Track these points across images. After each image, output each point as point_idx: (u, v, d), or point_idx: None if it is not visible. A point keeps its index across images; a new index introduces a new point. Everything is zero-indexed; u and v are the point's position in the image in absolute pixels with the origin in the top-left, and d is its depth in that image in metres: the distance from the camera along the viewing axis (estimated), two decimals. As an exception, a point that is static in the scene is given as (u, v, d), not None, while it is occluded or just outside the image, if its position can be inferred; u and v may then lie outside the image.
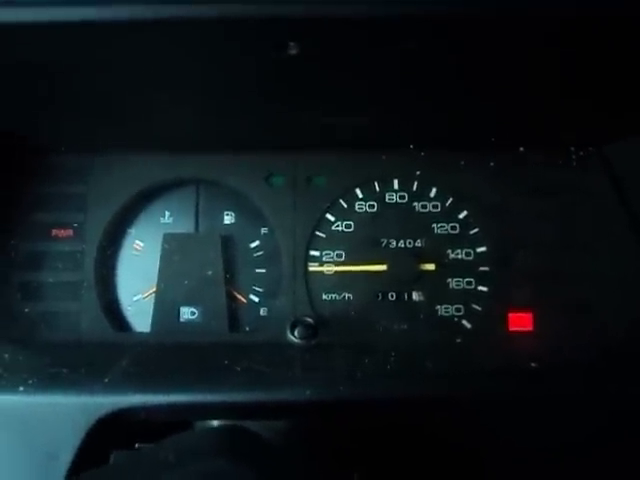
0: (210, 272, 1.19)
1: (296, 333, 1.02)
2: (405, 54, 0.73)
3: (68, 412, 0.76)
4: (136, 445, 0.74)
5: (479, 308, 1.19)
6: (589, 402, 0.80)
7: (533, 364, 0.89)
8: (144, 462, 0.49)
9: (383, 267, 1.19)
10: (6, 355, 0.93)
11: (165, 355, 0.99)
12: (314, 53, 0.66)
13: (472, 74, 0.86)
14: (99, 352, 1.01)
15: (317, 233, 1.21)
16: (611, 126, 1.10)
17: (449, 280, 1.20)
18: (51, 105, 0.97)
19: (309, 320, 1.06)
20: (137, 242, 1.24)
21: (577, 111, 1.03)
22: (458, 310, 1.19)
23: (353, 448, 0.82)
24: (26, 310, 1.15)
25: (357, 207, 1.22)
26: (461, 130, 1.14)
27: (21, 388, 0.78)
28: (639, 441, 0.79)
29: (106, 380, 0.79)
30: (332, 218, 1.21)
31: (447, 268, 1.20)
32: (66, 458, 0.74)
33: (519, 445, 0.78)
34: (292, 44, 0.61)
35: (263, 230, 1.24)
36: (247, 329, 1.21)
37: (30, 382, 0.79)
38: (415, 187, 1.22)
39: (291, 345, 1.04)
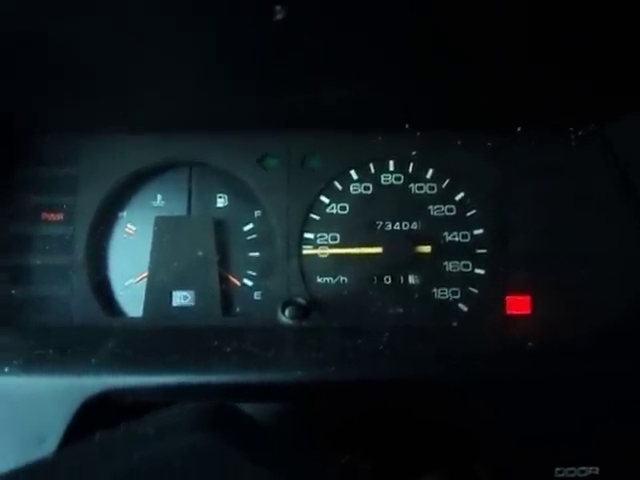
0: (203, 256, 1.17)
1: (287, 313, 1.01)
2: (395, 21, 0.71)
3: (55, 393, 0.74)
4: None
5: (476, 291, 1.18)
6: (588, 383, 0.78)
7: (530, 345, 0.87)
8: (123, 436, 0.48)
9: (378, 250, 1.17)
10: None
11: (153, 337, 0.97)
12: (301, 18, 0.64)
13: (468, 49, 0.84)
14: (87, 334, 1.00)
15: (311, 215, 1.19)
16: (611, 105, 1.08)
17: (445, 263, 1.18)
18: (40, 84, 0.96)
19: (301, 300, 1.04)
20: (129, 226, 1.22)
21: (576, 90, 1.01)
22: (455, 293, 1.18)
23: (344, 431, 0.81)
24: (13, 292, 1.13)
25: (352, 189, 1.20)
26: (458, 109, 1.12)
27: (6, 369, 0.76)
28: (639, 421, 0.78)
29: (93, 361, 0.78)
30: (326, 200, 1.20)
31: (443, 251, 1.18)
32: (53, 440, 0.72)
33: (516, 427, 0.77)
34: (278, 7, 0.59)
35: (256, 213, 1.22)
36: (240, 313, 1.19)
37: (16, 363, 0.77)
38: (411, 168, 1.20)
39: (283, 326, 1.03)
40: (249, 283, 1.21)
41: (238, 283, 1.21)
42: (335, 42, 0.80)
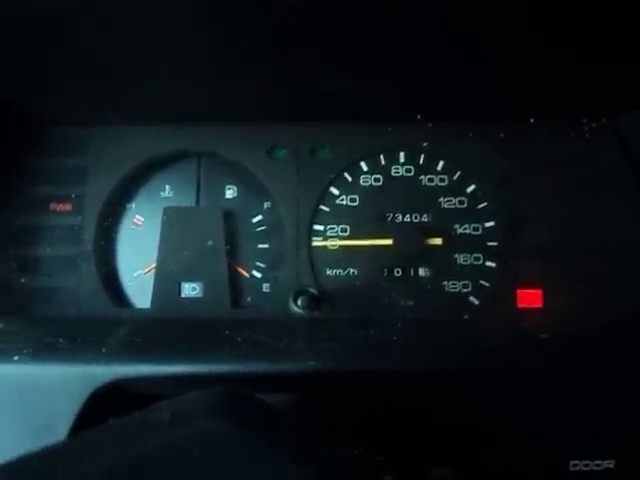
0: (212, 247, 1.16)
1: (299, 303, 1.00)
2: (408, 12, 0.70)
3: (65, 382, 0.73)
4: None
5: (487, 284, 1.17)
6: (602, 376, 0.77)
7: (542, 338, 0.86)
8: (137, 423, 0.47)
9: (389, 242, 1.16)
10: (1, 325, 0.91)
11: (164, 326, 0.97)
12: (313, 5, 0.63)
13: (480, 39, 0.83)
14: (97, 324, 0.99)
15: (321, 207, 1.18)
16: (625, 96, 1.06)
17: (456, 255, 1.17)
18: (49, 75, 0.95)
19: (312, 291, 1.03)
20: (137, 217, 1.22)
21: (589, 82, 1.00)
22: (465, 286, 1.17)
23: (358, 422, 0.80)
24: (22, 282, 1.13)
25: (362, 180, 1.19)
26: (469, 100, 1.10)
27: (16, 357, 0.75)
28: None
29: (103, 350, 0.77)
30: (336, 192, 1.19)
31: (454, 243, 1.17)
32: (63, 429, 0.72)
33: (528, 420, 0.76)
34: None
35: (266, 204, 1.21)
36: (249, 304, 1.18)
37: (25, 352, 0.77)
38: (422, 160, 1.19)
39: (294, 317, 1.02)
40: (258, 275, 1.20)
41: (247, 274, 1.20)
42: (347, 32, 0.80)
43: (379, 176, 1.19)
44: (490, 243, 1.17)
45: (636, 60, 0.89)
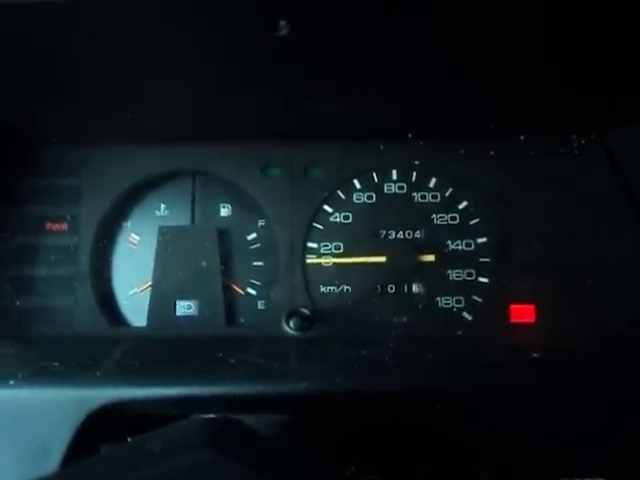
0: (206, 265, 1.17)
1: (291, 324, 1.01)
2: (400, 35, 0.71)
3: (59, 406, 0.74)
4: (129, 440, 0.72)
5: (480, 300, 1.17)
6: (592, 393, 0.78)
7: (535, 354, 0.87)
8: (129, 453, 0.48)
9: (382, 259, 1.17)
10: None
11: (158, 348, 0.97)
12: (304, 33, 0.64)
13: (470, 59, 0.85)
14: (92, 346, 1.00)
15: (315, 225, 1.19)
16: (613, 112, 1.08)
17: (449, 271, 1.18)
18: (43, 96, 0.96)
19: (305, 311, 1.04)
20: (133, 235, 1.22)
21: (578, 97, 1.01)
22: (458, 302, 1.18)
23: (350, 442, 0.81)
24: (17, 303, 1.13)
25: (355, 198, 1.20)
26: (460, 118, 1.12)
27: (11, 382, 0.76)
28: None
29: (98, 373, 0.77)
30: (330, 209, 1.20)
31: (447, 259, 1.18)
32: (58, 453, 0.72)
33: (520, 437, 0.76)
34: (283, 23, 0.59)
35: (260, 222, 1.22)
36: (244, 322, 1.19)
37: (20, 376, 0.77)
38: (414, 177, 1.21)
39: (287, 337, 1.03)
40: (253, 292, 1.21)
41: (242, 292, 1.21)
42: (339, 55, 0.81)
43: (372, 194, 1.20)
44: (482, 259, 1.18)
45: (624, 77, 0.90)
